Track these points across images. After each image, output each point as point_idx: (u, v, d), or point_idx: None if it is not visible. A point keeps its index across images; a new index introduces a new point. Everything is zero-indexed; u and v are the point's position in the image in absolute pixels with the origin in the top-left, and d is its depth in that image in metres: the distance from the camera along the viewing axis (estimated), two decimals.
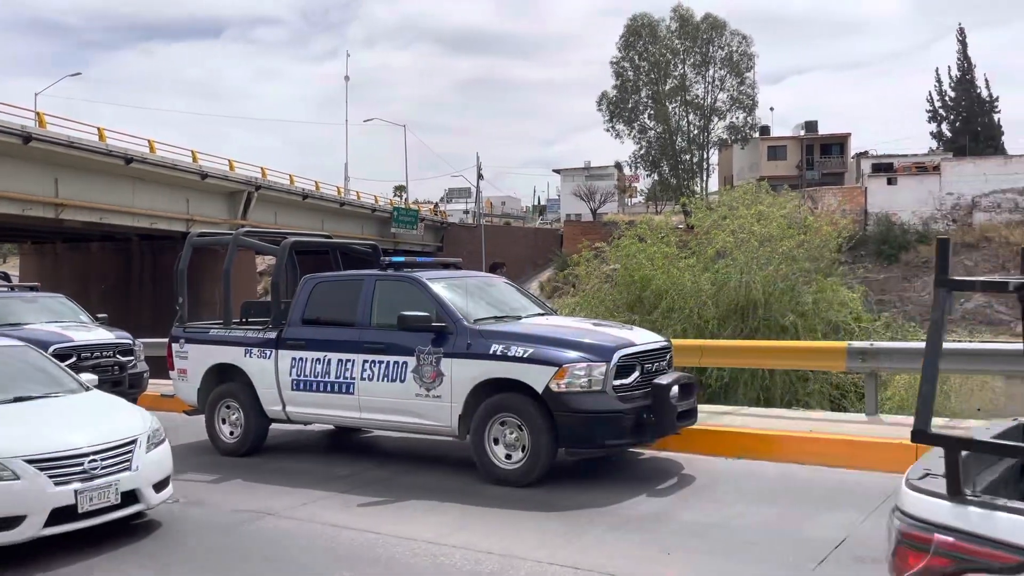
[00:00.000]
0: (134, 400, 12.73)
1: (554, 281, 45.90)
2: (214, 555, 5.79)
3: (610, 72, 58.39)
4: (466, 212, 72.04)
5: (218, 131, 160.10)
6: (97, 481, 5.61)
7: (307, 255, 10.39)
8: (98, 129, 30.67)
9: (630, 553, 5.41)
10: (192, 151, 35.74)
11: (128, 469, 5.82)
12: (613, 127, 58.64)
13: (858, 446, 7.76)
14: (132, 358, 12.52)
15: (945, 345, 11.94)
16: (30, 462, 5.40)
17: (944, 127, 55.66)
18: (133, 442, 5.99)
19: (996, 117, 55.55)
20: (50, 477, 5.41)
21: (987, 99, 55.52)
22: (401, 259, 8.68)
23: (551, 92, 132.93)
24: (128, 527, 6.14)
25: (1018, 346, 12.81)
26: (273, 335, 8.67)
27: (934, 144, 55.52)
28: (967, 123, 54.54)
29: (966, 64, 55.42)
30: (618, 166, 68.75)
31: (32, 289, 14.95)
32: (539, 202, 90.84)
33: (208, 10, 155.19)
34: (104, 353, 12.08)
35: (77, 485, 5.51)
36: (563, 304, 19.47)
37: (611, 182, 70.36)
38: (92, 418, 6.36)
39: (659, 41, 57.51)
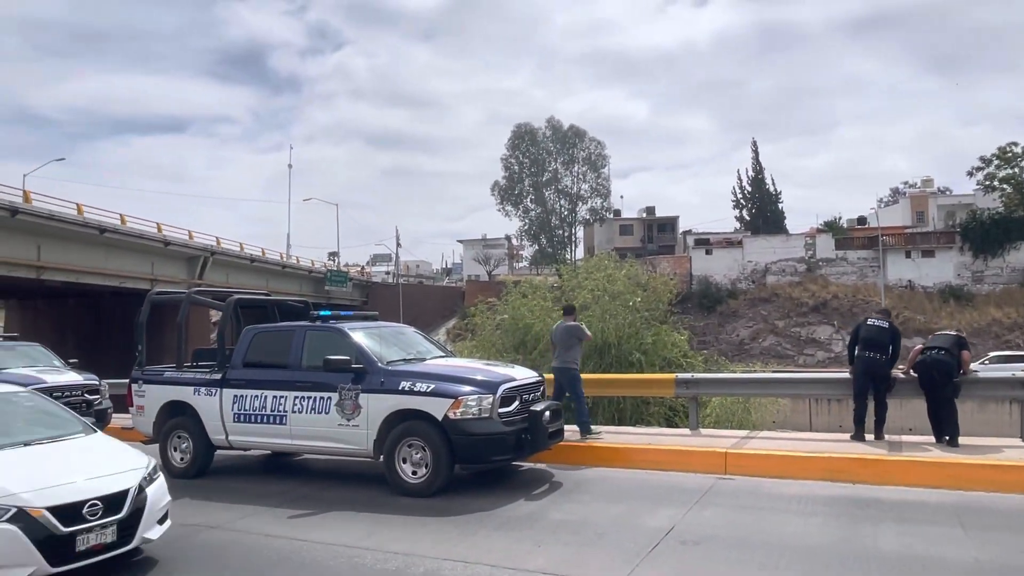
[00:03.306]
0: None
1: (457, 329, 45.45)
2: (162, 564, 5.31)
3: (500, 166, 59.72)
4: (387, 273, 70.81)
5: (182, 207, 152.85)
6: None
7: (251, 310, 9.90)
8: (77, 205, 29.18)
9: (510, 547, 5.30)
10: (157, 223, 34.10)
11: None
12: (503, 208, 59.73)
13: (684, 454, 7.92)
14: (98, 396, 11.74)
15: (746, 375, 12.41)
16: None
17: (744, 212, 58.48)
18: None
19: (780, 206, 59.06)
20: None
21: (773, 192, 58.93)
22: (328, 312, 8.42)
23: (455, 180, 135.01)
24: None
25: (799, 375, 13.53)
26: (218, 376, 8.21)
27: (738, 225, 58.49)
28: (760, 210, 57.68)
29: (758, 167, 58.90)
30: (508, 238, 69.31)
31: (12, 339, 14.18)
32: (446, 265, 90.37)
33: (176, 110, 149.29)
34: (73, 392, 11.27)
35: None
36: (463, 347, 19.33)
37: (502, 250, 70.81)
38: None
39: (537, 143, 59.16)
